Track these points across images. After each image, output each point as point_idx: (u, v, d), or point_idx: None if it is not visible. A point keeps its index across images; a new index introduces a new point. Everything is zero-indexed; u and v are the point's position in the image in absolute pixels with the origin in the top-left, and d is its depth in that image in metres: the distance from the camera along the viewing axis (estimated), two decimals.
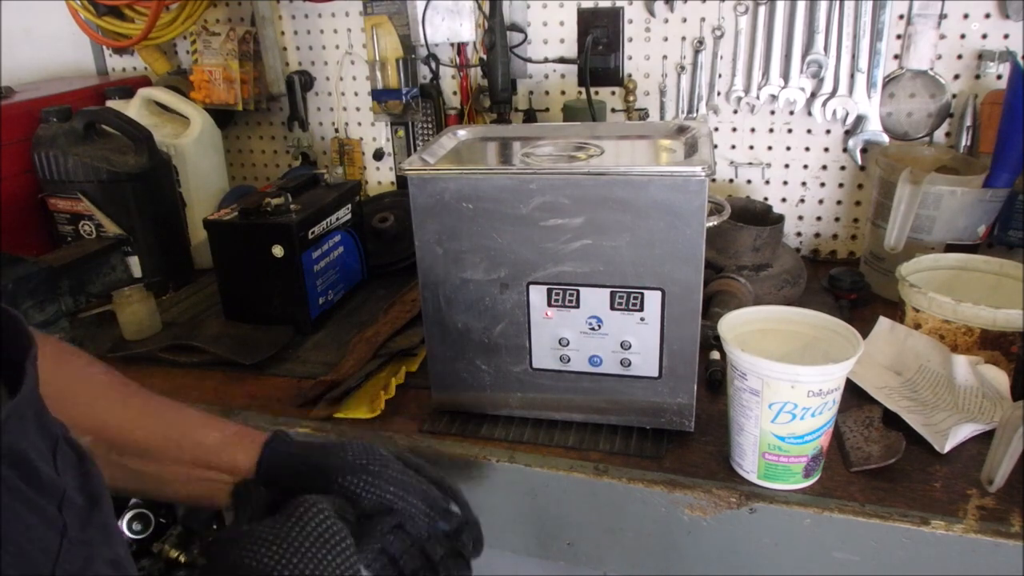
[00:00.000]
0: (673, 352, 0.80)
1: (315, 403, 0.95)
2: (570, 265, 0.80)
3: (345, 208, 1.21)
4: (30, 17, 1.71)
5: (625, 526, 0.80)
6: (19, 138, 1.29)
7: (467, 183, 0.79)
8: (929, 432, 0.81)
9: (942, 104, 1.20)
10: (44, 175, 1.26)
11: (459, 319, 0.85)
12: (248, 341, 1.09)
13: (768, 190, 1.33)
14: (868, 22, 1.18)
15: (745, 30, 1.25)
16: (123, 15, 1.51)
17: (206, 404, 0.97)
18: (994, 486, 0.73)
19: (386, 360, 1.03)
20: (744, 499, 0.75)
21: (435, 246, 0.83)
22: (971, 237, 1.10)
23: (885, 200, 1.11)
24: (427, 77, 1.44)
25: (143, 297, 1.13)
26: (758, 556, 0.76)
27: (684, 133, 0.90)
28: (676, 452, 0.83)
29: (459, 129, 0.97)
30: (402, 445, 0.87)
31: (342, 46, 1.50)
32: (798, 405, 0.71)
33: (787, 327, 0.81)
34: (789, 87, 1.25)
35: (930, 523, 0.70)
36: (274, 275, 1.10)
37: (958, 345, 0.90)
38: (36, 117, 1.28)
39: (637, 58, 1.33)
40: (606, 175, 0.76)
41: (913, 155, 1.19)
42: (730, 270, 1.09)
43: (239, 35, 1.46)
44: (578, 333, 0.82)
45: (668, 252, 0.76)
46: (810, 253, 1.36)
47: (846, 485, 0.76)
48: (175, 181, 1.37)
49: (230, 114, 1.56)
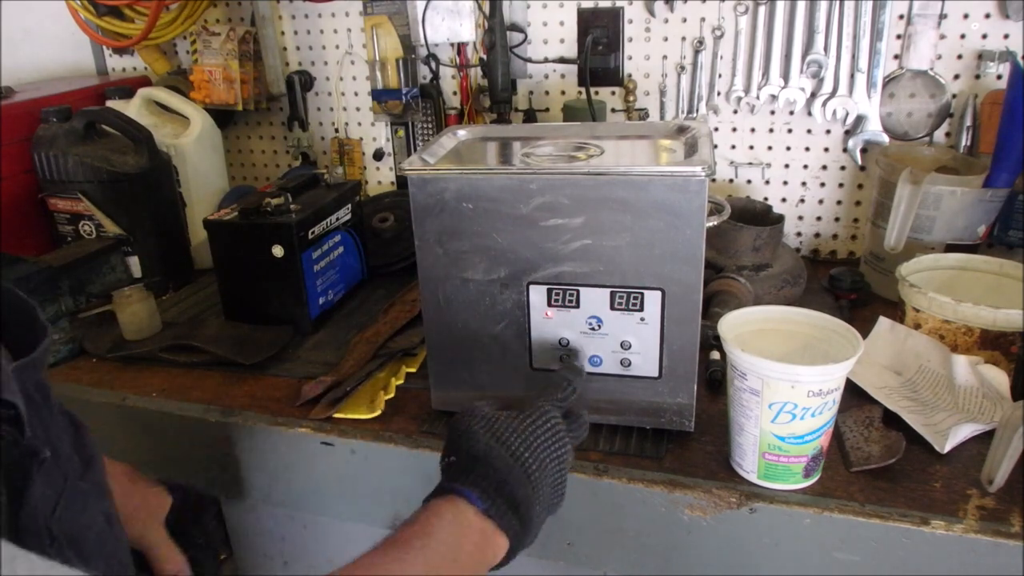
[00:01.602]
0: (673, 352, 0.80)
1: (315, 403, 0.95)
2: (570, 265, 0.80)
3: (345, 208, 1.21)
4: (30, 17, 1.71)
5: (625, 526, 0.80)
6: (19, 138, 1.29)
7: (467, 183, 0.79)
8: (929, 432, 0.81)
9: (942, 104, 1.20)
10: (44, 175, 1.26)
11: (459, 319, 0.85)
12: (248, 341, 1.09)
13: (768, 190, 1.33)
14: (868, 22, 1.18)
15: (745, 30, 1.25)
16: (123, 15, 1.51)
17: (206, 404, 0.97)
18: (994, 486, 0.73)
19: (386, 360, 1.03)
20: (744, 499, 0.75)
21: (435, 246, 0.82)
22: (971, 237, 1.10)
23: (885, 200, 1.11)
24: (427, 77, 1.44)
25: (143, 297, 1.13)
26: (758, 556, 0.76)
27: (684, 133, 0.90)
28: (676, 452, 0.83)
29: (459, 129, 0.97)
30: (402, 445, 0.87)
31: (342, 46, 1.50)
32: (798, 405, 0.71)
33: (787, 327, 0.81)
34: (789, 87, 1.25)
35: (930, 523, 0.70)
36: (274, 275, 1.10)
37: (958, 345, 0.90)
38: (36, 117, 1.28)
39: (637, 58, 1.33)
40: (606, 175, 0.76)
41: (913, 155, 1.19)
42: (730, 270, 1.09)
43: (239, 35, 1.46)
44: (578, 333, 0.82)
45: (668, 252, 0.76)
46: (810, 253, 1.36)
47: (846, 485, 0.76)
48: (175, 181, 1.37)
49: (230, 114, 1.56)
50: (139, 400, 0.99)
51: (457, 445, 0.65)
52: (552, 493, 0.66)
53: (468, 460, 0.63)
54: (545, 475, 0.65)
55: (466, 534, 0.59)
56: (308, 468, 0.92)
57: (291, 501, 0.96)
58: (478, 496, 0.61)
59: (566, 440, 0.68)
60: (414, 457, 0.86)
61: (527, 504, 0.62)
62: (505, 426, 0.65)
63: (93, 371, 1.08)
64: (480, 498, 0.61)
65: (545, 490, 0.65)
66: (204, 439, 0.96)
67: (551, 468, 0.66)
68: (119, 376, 1.06)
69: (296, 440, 0.91)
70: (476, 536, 0.60)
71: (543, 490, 0.65)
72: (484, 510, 0.61)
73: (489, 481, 0.62)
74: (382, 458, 0.88)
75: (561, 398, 0.72)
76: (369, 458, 0.89)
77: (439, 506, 0.61)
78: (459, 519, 0.60)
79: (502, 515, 0.61)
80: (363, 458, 0.89)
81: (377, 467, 0.89)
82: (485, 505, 0.61)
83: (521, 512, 0.62)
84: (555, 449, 0.66)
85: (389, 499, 0.90)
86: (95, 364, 1.10)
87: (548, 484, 0.65)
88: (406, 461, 0.87)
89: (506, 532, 0.62)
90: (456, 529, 0.59)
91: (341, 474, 0.91)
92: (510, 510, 0.62)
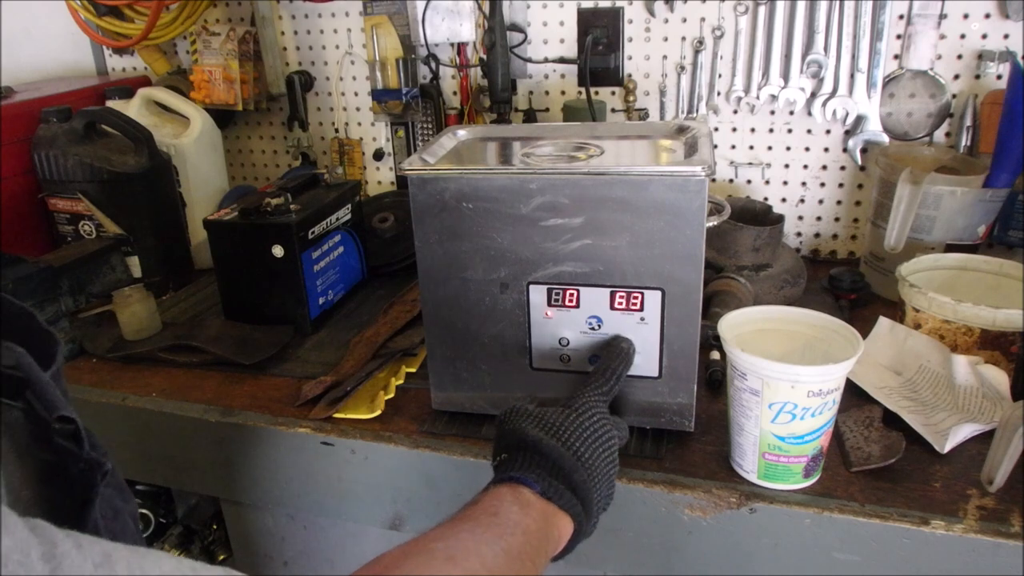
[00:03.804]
0: (673, 352, 0.80)
1: (315, 403, 0.95)
2: (570, 265, 0.80)
3: (345, 208, 1.21)
4: (30, 17, 1.70)
5: (625, 526, 0.80)
6: (19, 138, 1.29)
7: (467, 183, 0.79)
8: (929, 432, 0.81)
9: (942, 104, 1.20)
10: (44, 175, 1.26)
11: (459, 319, 0.85)
12: (248, 341, 1.09)
13: (768, 190, 1.33)
14: (868, 22, 1.18)
15: (745, 30, 1.25)
16: (123, 15, 1.51)
17: (206, 404, 0.97)
18: (994, 486, 0.73)
19: (386, 360, 1.03)
20: (744, 499, 0.75)
21: (435, 246, 0.82)
22: (971, 237, 1.10)
23: (885, 200, 1.11)
24: (427, 77, 1.44)
25: (143, 297, 1.13)
26: (758, 556, 0.76)
27: (684, 133, 0.90)
28: (676, 452, 0.83)
29: (459, 129, 0.97)
30: (402, 445, 0.87)
31: (342, 46, 1.50)
32: (798, 405, 0.71)
33: (787, 327, 0.81)
34: (789, 87, 1.25)
35: (930, 523, 0.70)
36: (274, 275, 1.10)
37: (958, 345, 0.90)
38: (36, 117, 1.28)
39: (637, 58, 1.33)
40: (606, 175, 0.76)
41: (913, 155, 1.19)
42: (730, 270, 1.09)
43: (239, 35, 1.46)
44: (578, 333, 0.82)
45: (668, 252, 0.76)
46: (810, 253, 1.36)
47: (846, 485, 0.76)
48: (175, 181, 1.37)
49: (230, 114, 1.56)
50: (139, 400, 0.99)
51: (507, 442, 0.65)
52: (607, 483, 0.66)
53: (519, 452, 0.63)
54: (597, 463, 0.65)
55: (529, 512, 0.59)
56: (308, 468, 0.92)
57: (291, 501, 0.96)
58: (534, 479, 0.61)
59: (613, 434, 0.68)
60: (414, 457, 0.86)
61: (584, 488, 0.63)
62: (553, 418, 0.65)
63: (93, 371, 1.08)
64: (536, 481, 0.61)
65: (600, 478, 0.65)
66: (204, 439, 0.96)
67: (603, 457, 0.66)
68: (119, 376, 1.06)
69: (296, 440, 0.91)
70: (539, 515, 0.59)
71: (598, 477, 0.65)
72: (542, 492, 0.61)
73: (543, 467, 0.62)
74: (382, 458, 0.88)
75: (605, 390, 0.72)
76: (369, 458, 0.89)
77: (500, 490, 0.60)
78: (520, 499, 0.60)
79: (561, 495, 0.61)
80: (363, 458, 0.89)
81: (377, 467, 0.89)
82: (542, 486, 0.61)
83: (580, 495, 0.62)
84: (604, 439, 0.67)
85: (389, 499, 0.90)
86: (95, 364, 1.10)
87: (601, 473, 0.65)
88: (406, 461, 0.87)
89: (568, 512, 0.62)
90: (520, 508, 0.59)
91: (341, 474, 0.91)
92: (568, 490, 0.62)
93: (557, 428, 0.64)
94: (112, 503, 0.50)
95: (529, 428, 0.64)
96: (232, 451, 0.95)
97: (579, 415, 0.67)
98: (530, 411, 0.66)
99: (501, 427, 0.67)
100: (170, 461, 1.01)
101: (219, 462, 0.97)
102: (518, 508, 0.58)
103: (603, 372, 0.74)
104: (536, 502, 0.60)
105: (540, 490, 0.61)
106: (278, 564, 1.09)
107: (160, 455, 1.01)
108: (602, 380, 0.73)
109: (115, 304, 1.12)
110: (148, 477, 1.07)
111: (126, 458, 1.02)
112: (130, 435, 1.01)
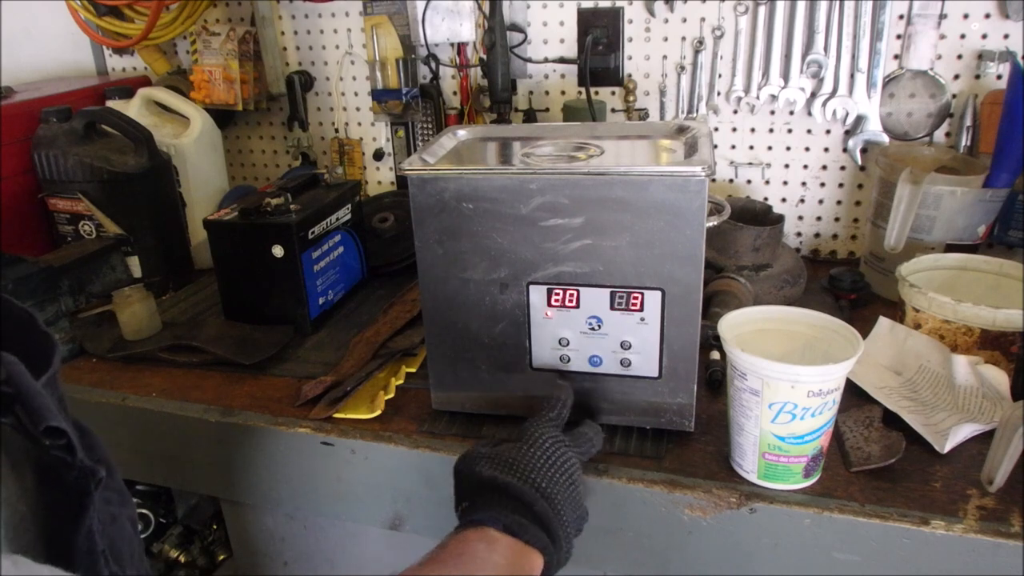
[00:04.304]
0: (673, 352, 0.80)
1: (315, 403, 0.95)
2: (570, 265, 0.80)
3: (345, 208, 1.21)
4: (30, 17, 1.70)
5: (625, 526, 0.80)
6: (19, 138, 1.29)
7: (467, 183, 0.79)
8: (929, 432, 0.81)
9: (942, 104, 1.20)
10: (44, 175, 1.26)
11: (459, 319, 0.85)
12: (248, 341, 1.09)
13: (768, 190, 1.33)
14: (868, 22, 1.18)
15: (745, 30, 1.25)
16: (123, 15, 1.51)
17: (206, 404, 0.97)
18: (994, 486, 0.73)
19: (386, 360, 1.03)
20: (744, 499, 0.75)
21: (435, 246, 0.82)
22: (971, 237, 1.10)
23: (885, 200, 1.11)
24: (427, 77, 1.44)
25: (143, 297, 1.13)
26: (758, 556, 0.76)
27: (684, 133, 0.90)
28: (676, 452, 0.83)
29: (459, 129, 0.97)
30: (402, 445, 0.87)
31: (342, 46, 1.50)
32: (798, 405, 0.71)
33: (787, 327, 0.81)
34: (789, 87, 1.25)
35: (930, 523, 0.70)
36: (274, 275, 1.10)
37: (958, 345, 0.90)
38: (36, 117, 1.28)
39: (637, 58, 1.33)
40: (606, 175, 0.76)
41: (913, 155, 1.19)
42: (730, 270, 1.09)
43: (239, 35, 1.46)
44: (578, 333, 0.82)
45: (668, 252, 0.76)
46: (810, 253, 1.36)
47: (846, 485, 0.76)
48: (175, 181, 1.37)
49: (230, 114, 1.56)
50: (139, 400, 0.99)
51: (466, 487, 0.67)
52: (572, 507, 0.68)
53: (478, 495, 0.65)
54: (557, 489, 0.66)
55: (496, 549, 0.60)
56: (308, 468, 0.92)
57: (291, 501, 0.96)
58: (496, 518, 0.62)
59: (570, 455, 0.70)
60: (414, 457, 0.86)
61: (547, 518, 0.64)
62: (507, 455, 0.67)
63: (93, 371, 1.08)
64: (499, 519, 0.62)
65: (563, 504, 0.66)
66: (204, 439, 0.96)
67: (562, 482, 0.67)
68: (119, 376, 1.06)
69: (296, 440, 0.91)
70: (508, 552, 0.61)
71: (561, 504, 0.66)
72: (506, 528, 0.62)
73: (503, 506, 0.63)
74: (382, 458, 0.88)
75: (553, 416, 0.74)
76: (369, 458, 0.89)
77: (465, 533, 0.62)
78: (487, 538, 0.61)
79: (526, 530, 0.62)
80: (363, 458, 0.89)
81: (377, 467, 0.89)
82: (505, 523, 0.62)
83: (544, 525, 0.63)
84: (561, 464, 0.68)
85: (389, 499, 0.90)
86: (95, 364, 1.10)
87: (564, 498, 0.67)
88: (406, 461, 0.87)
89: (536, 546, 0.63)
90: (486, 545, 0.60)
91: (341, 474, 0.91)
92: (533, 524, 0.63)
93: (512, 464, 0.66)
94: (109, 508, 0.50)
95: (484, 470, 0.66)
96: (232, 451, 0.95)
97: (531, 446, 0.68)
98: (483, 453, 0.68)
99: (458, 475, 0.69)
100: (170, 461, 1.01)
101: (219, 462, 0.97)
102: (484, 546, 0.60)
103: (549, 401, 0.76)
104: (501, 538, 0.61)
105: (504, 527, 0.62)
106: (278, 564, 1.09)
107: (160, 455, 1.01)
108: (548, 408, 0.75)
109: (115, 304, 1.12)
110: (148, 477, 1.07)
111: (126, 458, 1.02)
112: (130, 435, 1.01)
